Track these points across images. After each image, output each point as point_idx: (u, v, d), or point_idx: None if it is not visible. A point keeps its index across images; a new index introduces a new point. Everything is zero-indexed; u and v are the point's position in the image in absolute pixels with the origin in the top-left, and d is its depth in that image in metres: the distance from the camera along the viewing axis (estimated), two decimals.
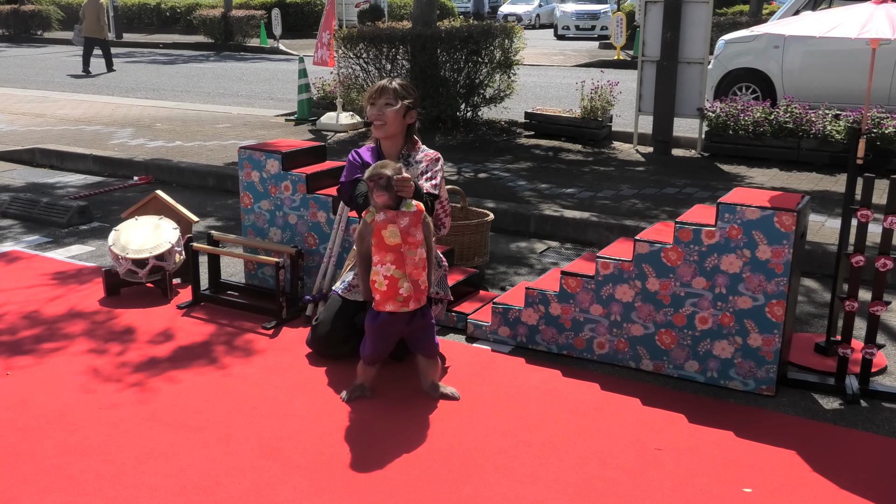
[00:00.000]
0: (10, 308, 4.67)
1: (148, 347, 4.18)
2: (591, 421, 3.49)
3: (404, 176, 3.42)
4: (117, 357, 4.06)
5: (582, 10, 28.69)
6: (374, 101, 3.99)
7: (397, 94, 3.97)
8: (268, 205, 4.85)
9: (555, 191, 7.11)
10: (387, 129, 3.98)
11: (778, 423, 3.50)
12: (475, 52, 9.62)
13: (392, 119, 3.96)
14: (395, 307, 3.47)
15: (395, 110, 3.95)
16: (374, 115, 3.98)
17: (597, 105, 9.37)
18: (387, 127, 3.97)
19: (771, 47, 10.54)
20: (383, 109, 3.96)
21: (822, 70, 10.25)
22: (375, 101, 3.98)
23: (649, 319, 3.91)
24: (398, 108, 3.95)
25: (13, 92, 14.39)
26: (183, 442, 3.30)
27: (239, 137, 9.71)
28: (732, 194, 3.83)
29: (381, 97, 3.97)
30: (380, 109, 3.97)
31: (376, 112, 3.97)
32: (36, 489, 2.98)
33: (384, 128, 3.98)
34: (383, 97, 3.97)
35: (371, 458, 3.19)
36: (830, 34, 3.67)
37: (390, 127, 3.97)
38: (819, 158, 8.07)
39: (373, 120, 3.99)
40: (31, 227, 6.38)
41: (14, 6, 26.76)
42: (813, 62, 10.31)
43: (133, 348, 4.17)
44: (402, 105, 3.96)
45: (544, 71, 18.01)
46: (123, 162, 8.44)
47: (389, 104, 3.96)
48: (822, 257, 5.36)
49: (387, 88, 3.98)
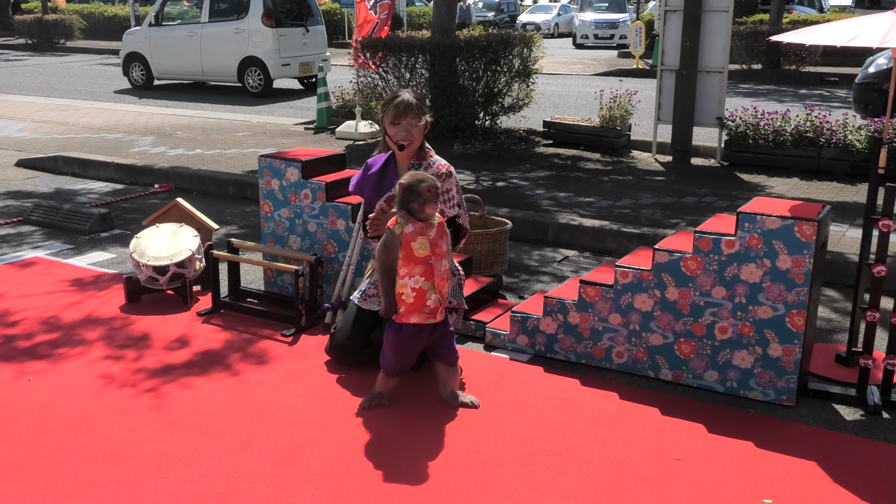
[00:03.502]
0: (32, 314, 4.71)
1: (168, 354, 4.21)
2: (609, 430, 3.49)
3: None
4: (137, 363, 4.09)
5: (601, 19, 28.66)
6: (397, 121, 3.95)
7: (420, 110, 3.98)
8: (287, 213, 4.88)
9: (573, 199, 7.10)
10: (413, 147, 4.01)
11: (798, 434, 3.48)
12: (494, 61, 9.64)
13: (417, 137, 3.99)
14: (420, 319, 3.47)
15: (418, 129, 3.97)
16: (402, 136, 3.96)
17: (615, 114, 9.37)
18: (413, 145, 4.00)
19: (143, 37, 16.11)
20: (410, 129, 3.96)
21: (170, 53, 15.84)
22: (400, 121, 3.95)
23: (668, 329, 3.89)
24: (421, 125, 3.98)
25: (36, 100, 14.55)
26: (202, 448, 3.31)
27: (258, 146, 9.77)
28: (752, 203, 3.82)
29: (406, 117, 3.94)
30: (407, 130, 3.95)
31: (405, 133, 3.95)
32: (57, 494, 3.00)
33: (411, 146, 4.00)
34: (408, 117, 3.94)
35: (390, 465, 3.19)
36: (852, 43, 3.66)
37: (415, 144, 4.01)
38: (839, 168, 8.02)
39: (400, 142, 3.98)
40: (53, 234, 6.44)
41: (37, 16, 27.04)
42: (165, 47, 15.86)
43: (153, 355, 4.20)
44: (424, 121, 3.99)
45: (563, 80, 18.01)
46: (144, 170, 8.51)
47: (413, 123, 3.96)
48: (843, 267, 5.33)
49: (411, 106, 3.94)
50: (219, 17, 15.52)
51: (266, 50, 14.98)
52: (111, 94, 15.52)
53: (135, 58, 16.31)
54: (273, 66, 15.00)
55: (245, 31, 15.14)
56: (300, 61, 15.44)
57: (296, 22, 15.66)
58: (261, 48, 15.00)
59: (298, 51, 15.47)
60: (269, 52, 14.97)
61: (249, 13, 15.10)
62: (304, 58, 15.55)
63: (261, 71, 15.07)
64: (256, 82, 15.17)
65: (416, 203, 3.41)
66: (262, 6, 14.98)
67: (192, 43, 15.54)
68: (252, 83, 15.21)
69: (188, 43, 15.60)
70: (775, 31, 16.90)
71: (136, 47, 16.26)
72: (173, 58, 15.87)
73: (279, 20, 15.22)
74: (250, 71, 15.18)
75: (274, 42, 15.00)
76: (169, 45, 15.87)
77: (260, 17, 14.97)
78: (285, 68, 15.21)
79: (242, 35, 15.15)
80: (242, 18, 15.19)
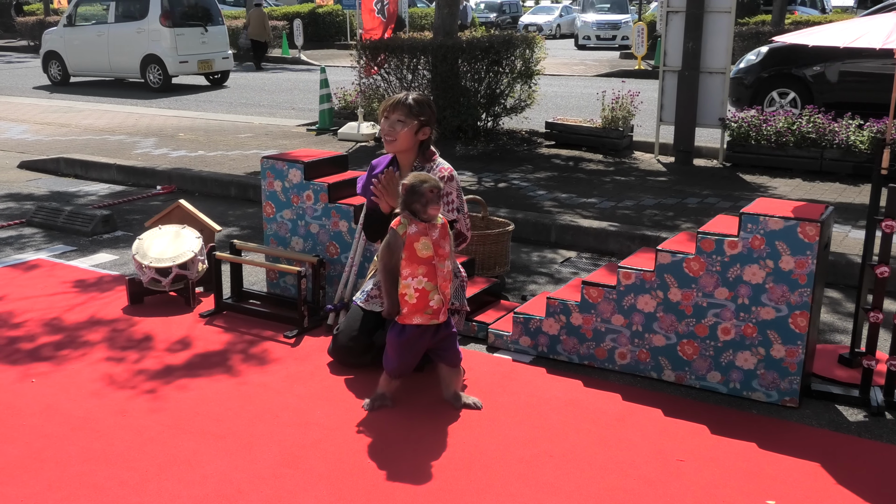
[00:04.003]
0: (34, 315, 4.71)
1: (170, 356, 4.21)
2: (612, 431, 3.48)
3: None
4: (140, 365, 4.09)
5: (603, 20, 28.67)
6: (387, 115, 3.96)
7: (411, 110, 3.93)
8: (290, 214, 4.88)
9: (575, 200, 7.10)
10: (396, 146, 3.97)
11: (801, 435, 3.48)
12: (496, 63, 9.64)
13: (402, 136, 3.94)
14: (423, 319, 3.47)
15: (406, 128, 3.93)
16: (385, 130, 3.97)
17: (618, 115, 9.37)
18: (396, 143, 3.96)
19: (59, 36, 17.61)
20: (395, 126, 3.94)
21: (82, 52, 17.23)
22: (389, 115, 3.95)
23: (671, 330, 3.89)
24: (410, 126, 3.93)
25: (38, 102, 14.57)
26: (205, 450, 3.31)
27: (261, 147, 9.78)
28: (755, 204, 3.82)
29: (395, 112, 3.94)
30: (392, 125, 3.94)
31: (388, 127, 3.95)
32: (60, 496, 3.00)
33: (394, 144, 3.97)
34: (396, 112, 3.93)
35: (392, 467, 3.19)
36: (855, 45, 3.65)
37: (399, 143, 3.96)
38: (842, 168, 8.02)
39: (383, 136, 3.99)
40: (56, 236, 6.44)
41: (39, 17, 27.07)
42: (78, 46, 17.26)
43: (155, 356, 4.20)
44: (413, 123, 3.93)
45: (565, 81, 18.02)
46: (147, 171, 8.52)
47: (401, 121, 3.93)
48: (845, 268, 5.33)
49: (400, 104, 3.93)
50: (124, 18, 17.13)
51: (164, 48, 16.56)
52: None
53: (52, 56, 17.90)
54: (171, 64, 16.60)
55: (146, 31, 16.75)
56: (199, 59, 16.97)
57: (194, 22, 17.17)
58: (159, 46, 16.58)
59: (197, 49, 16.99)
60: (167, 51, 16.57)
61: (149, 14, 16.70)
62: (204, 56, 17.11)
63: (160, 67, 16.66)
64: (157, 78, 16.77)
65: (419, 203, 3.41)
66: (161, 8, 16.55)
67: (101, 42, 17.19)
68: (153, 79, 16.82)
69: (97, 42, 17.24)
70: (777, 31, 16.88)
71: (53, 46, 17.81)
72: (85, 56, 17.47)
73: (177, 21, 16.81)
74: (151, 67, 16.79)
75: (171, 41, 16.57)
76: (81, 44, 17.47)
77: (158, 17, 16.58)
78: (183, 65, 16.76)
79: (143, 34, 16.77)
80: (143, 19, 16.80)
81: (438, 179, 3.50)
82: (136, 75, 17.05)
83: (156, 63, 16.68)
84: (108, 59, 17.18)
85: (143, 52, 16.70)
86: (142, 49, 16.70)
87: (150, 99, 15.17)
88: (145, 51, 16.67)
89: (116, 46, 17.01)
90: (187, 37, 16.82)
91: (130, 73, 17.15)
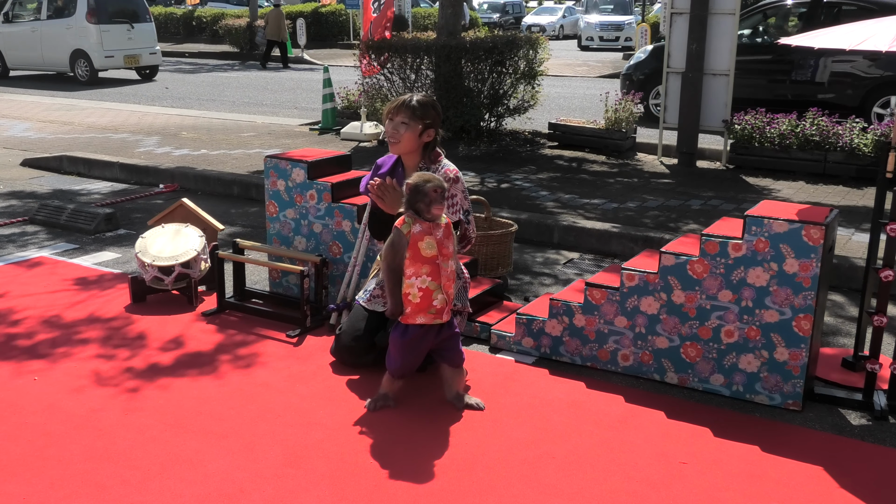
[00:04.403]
0: (37, 313, 4.71)
1: (172, 354, 4.21)
2: (615, 433, 3.48)
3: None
4: (142, 363, 4.09)
5: (606, 21, 28.66)
6: (391, 117, 3.96)
7: (415, 113, 3.92)
8: (293, 213, 4.88)
9: (578, 202, 7.10)
10: (399, 147, 3.98)
11: (804, 439, 3.47)
12: (499, 63, 9.63)
13: (406, 139, 3.95)
14: (426, 319, 3.47)
15: (410, 130, 3.93)
16: (389, 132, 3.97)
17: (621, 116, 9.36)
18: (400, 145, 3.97)
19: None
20: (399, 127, 3.94)
21: (19, 47, 18.53)
22: (393, 117, 3.95)
23: (674, 332, 3.88)
24: (413, 128, 3.93)
25: (41, 100, 14.58)
26: (208, 449, 3.31)
27: (264, 146, 9.78)
28: (759, 207, 3.81)
29: (399, 114, 3.94)
30: (395, 127, 3.95)
31: (392, 129, 3.96)
32: (62, 494, 3.00)
33: (398, 146, 3.98)
34: (401, 115, 3.93)
35: (395, 467, 3.19)
36: (861, 47, 3.64)
37: (403, 145, 3.97)
38: (846, 171, 8.01)
39: (387, 138, 3.99)
40: (58, 234, 6.44)
41: None
42: (14, 41, 18.58)
43: (158, 355, 4.19)
44: (417, 126, 3.93)
45: (568, 82, 18.01)
46: (150, 170, 8.51)
47: (405, 123, 3.93)
48: (849, 271, 5.32)
49: (404, 106, 3.93)
50: (55, 16, 18.26)
51: (91, 44, 17.54)
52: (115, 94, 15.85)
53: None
54: (97, 58, 17.59)
55: (73, 28, 17.79)
56: (125, 54, 17.94)
57: (120, 20, 18.04)
58: (86, 42, 17.57)
59: (123, 45, 17.94)
60: (93, 46, 17.54)
61: (77, 12, 17.77)
62: (130, 51, 18.07)
63: (87, 62, 17.65)
64: (84, 72, 17.82)
65: (423, 203, 3.40)
66: (87, 5, 17.56)
67: (35, 38, 18.40)
68: (80, 73, 17.86)
69: (31, 38, 18.47)
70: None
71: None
72: (21, 51, 18.72)
73: (102, 18, 17.73)
74: (79, 62, 17.82)
75: (98, 37, 17.54)
76: (17, 39, 18.73)
77: (85, 15, 17.59)
78: (109, 60, 17.74)
79: (72, 31, 17.82)
80: (72, 16, 17.87)
81: (443, 180, 3.49)
82: (65, 69, 18.09)
83: (83, 58, 17.67)
84: (41, 53, 18.35)
85: (71, 48, 17.75)
86: (70, 44, 17.77)
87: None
88: (73, 46, 17.72)
89: (48, 42, 18.17)
90: (113, 33, 17.75)
91: (61, 67, 18.24)
